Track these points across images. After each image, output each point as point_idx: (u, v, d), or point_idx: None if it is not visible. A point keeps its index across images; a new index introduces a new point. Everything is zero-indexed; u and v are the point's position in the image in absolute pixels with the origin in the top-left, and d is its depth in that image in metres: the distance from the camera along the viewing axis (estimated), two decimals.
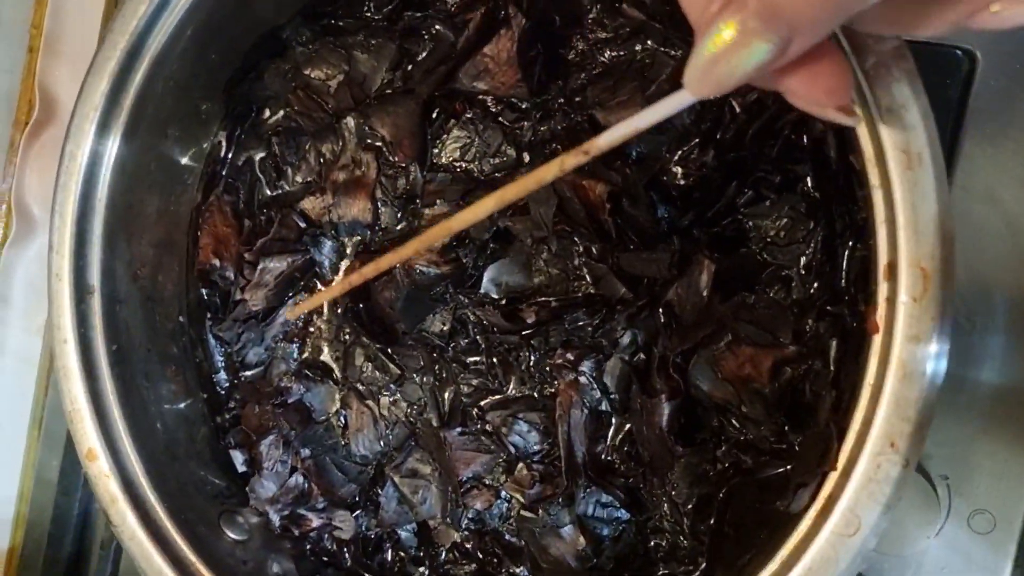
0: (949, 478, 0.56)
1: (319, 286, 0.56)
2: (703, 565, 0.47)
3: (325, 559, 0.54)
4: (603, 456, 0.49)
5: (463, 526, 0.52)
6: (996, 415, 0.55)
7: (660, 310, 0.47)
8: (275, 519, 0.54)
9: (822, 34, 0.25)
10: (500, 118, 0.52)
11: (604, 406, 0.49)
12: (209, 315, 0.58)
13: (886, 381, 0.35)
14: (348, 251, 0.55)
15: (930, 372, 0.35)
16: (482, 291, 0.51)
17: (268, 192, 0.57)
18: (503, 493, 0.51)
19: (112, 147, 0.50)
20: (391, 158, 0.54)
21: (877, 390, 0.36)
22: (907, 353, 0.35)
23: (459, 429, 0.51)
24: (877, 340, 0.36)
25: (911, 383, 0.35)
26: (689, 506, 0.48)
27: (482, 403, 0.52)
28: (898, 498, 0.36)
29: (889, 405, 0.35)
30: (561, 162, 0.30)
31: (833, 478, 0.37)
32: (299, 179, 0.56)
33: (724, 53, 0.24)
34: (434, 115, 0.53)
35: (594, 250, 0.49)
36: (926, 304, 0.35)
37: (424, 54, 0.53)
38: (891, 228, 0.36)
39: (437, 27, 0.53)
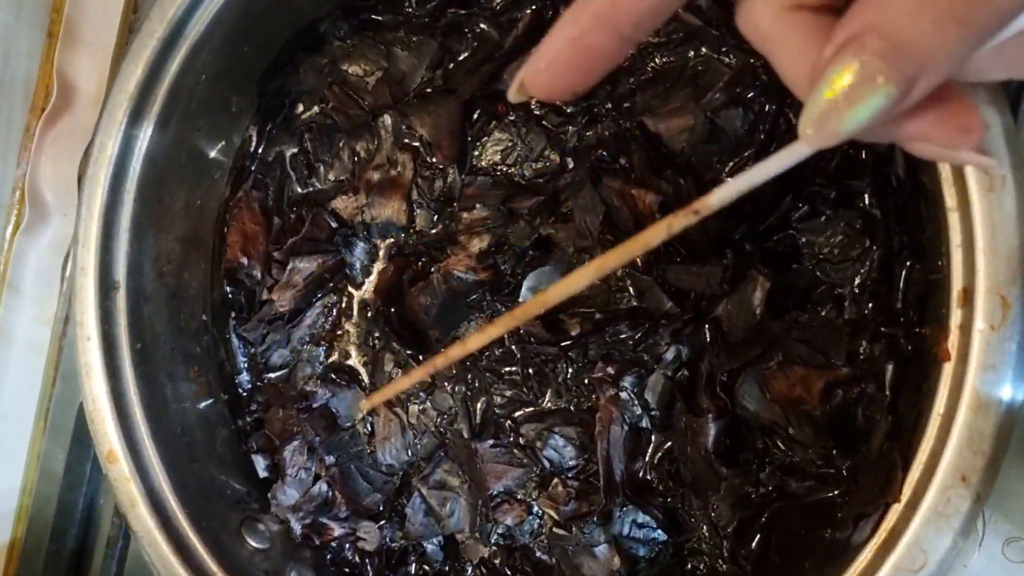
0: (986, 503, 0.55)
1: (349, 288, 0.54)
2: None
3: (347, 570, 0.53)
4: (641, 474, 0.48)
5: (492, 541, 0.50)
6: None
7: (707, 326, 0.46)
8: (296, 527, 0.52)
9: (950, 69, 0.23)
10: (544, 121, 0.50)
11: (644, 423, 0.48)
12: (233, 314, 0.56)
13: (958, 412, 0.34)
14: (381, 253, 0.53)
15: (1006, 403, 0.33)
16: (520, 300, 0.49)
17: (299, 189, 0.55)
18: (535, 509, 0.50)
19: (143, 138, 0.48)
20: (429, 159, 0.52)
21: (948, 420, 0.34)
22: (982, 383, 0.33)
23: (491, 441, 0.50)
24: (948, 368, 0.35)
25: (986, 415, 0.33)
26: (730, 529, 0.46)
27: (516, 415, 0.50)
28: (967, 534, 0.34)
29: (961, 437, 0.34)
30: (669, 224, 0.27)
31: (897, 510, 0.35)
32: (331, 177, 0.54)
33: (844, 100, 0.22)
34: (475, 116, 0.51)
35: (639, 261, 0.47)
36: (1005, 333, 0.33)
37: (467, 53, 0.52)
38: (968, 252, 0.34)
39: (481, 25, 0.51)
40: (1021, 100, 0.53)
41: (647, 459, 0.48)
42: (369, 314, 0.53)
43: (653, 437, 0.48)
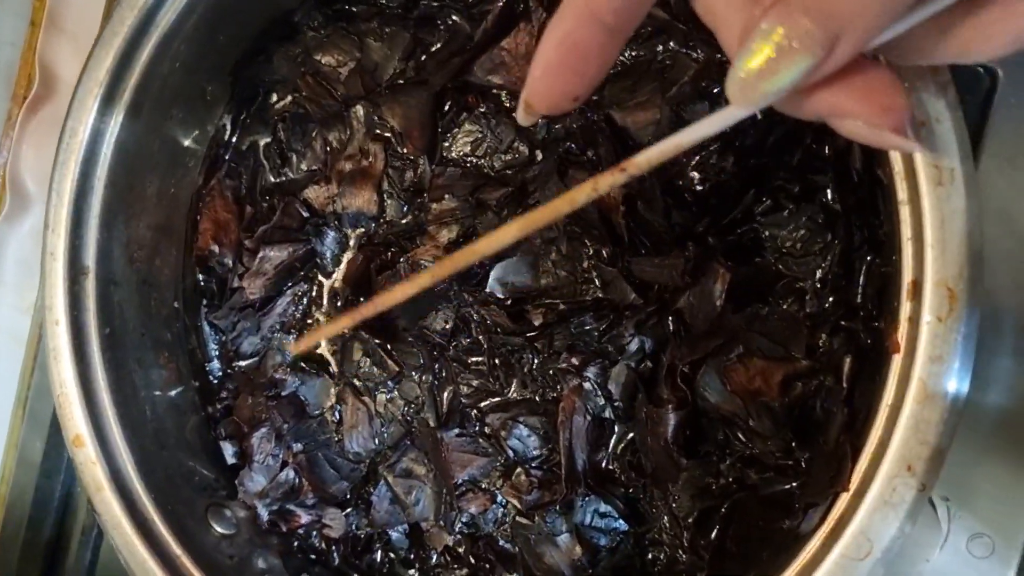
0: (949, 500, 0.56)
1: (319, 277, 0.54)
2: None
3: (313, 557, 0.53)
4: (604, 465, 0.48)
5: (456, 529, 0.51)
6: (1000, 438, 0.54)
7: (670, 317, 0.46)
8: (263, 514, 0.53)
9: (873, 35, 0.23)
10: (514, 114, 0.51)
11: (607, 413, 0.48)
12: (205, 302, 0.56)
13: (905, 402, 0.34)
14: (351, 243, 0.54)
15: (952, 395, 0.34)
16: (487, 290, 0.49)
17: (271, 179, 0.55)
18: (499, 498, 0.50)
19: (114, 125, 0.49)
20: (400, 150, 0.52)
21: (895, 411, 0.35)
22: (929, 374, 0.34)
23: (457, 430, 0.50)
24: (897, 360, 0.35)
25: (932, 405, 0.34)
26: (690, 519, 0.46)
27: (481, 404, 0.50)
28: (912, 523, 0.35)
29: (908, 427, 0.34)
30: (595, 183, 0.27)
31: (845, 499, 0.36)
32: (304, 167, 0.55)
33: (769, 61, 0.23)
34: (446, 108, 0.52)
35: (604, 253, 0.47)
36: (951, 325, 0.34)
37: (439, 45, 0.52)
38: (918, 245, 0.35)
39: (453, 17, 0.52)
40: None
41: (610, 450, 0.48)
42: (339, 303, 0.53)
43: (616, 428, 0.48)
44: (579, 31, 0.26)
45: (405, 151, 0.52)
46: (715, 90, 0.46)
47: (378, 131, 0.53)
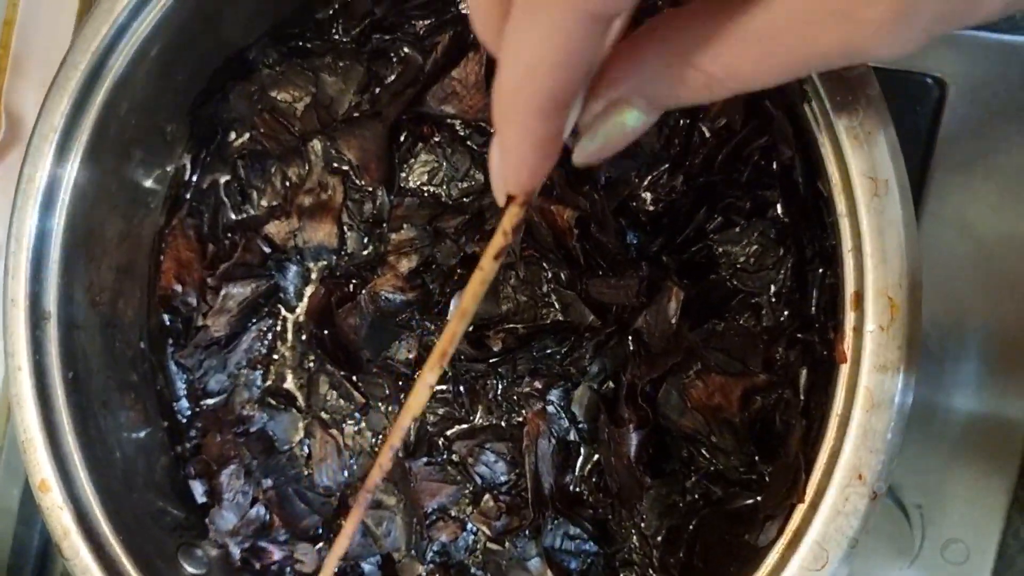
0: (922, 507, 0.56)
1: (283, 312, 0.54)
2: None
3: None
4: (571, 487, 0.48)
5: (428, 559, 0.51)
6: (968, 443, 0.55)
7: (629, 337, 0.47)
8: (235, 552, 0.52)
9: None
10: (468, 142, 0.51)
11: (572, 436, 0.48)
12: (171, 341, 0.56)
13: (853, 411, 0.35)
14: (313, 276, 0.54)
15: (898, 402, 0.34)
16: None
17: (233, 216, 0.56)
18: (469, 525, 0.50)
19: (72, 170, 0.49)
20: (358, 182, 0.53)
21: (844, 420, 0.35)
22: (874, 383, 0.34)
23: (425, 459, 0.50)
24: (845, 370, 0.36)
25: (879, 414, 0.34)
26: (659, 538, 0.46)
27: (448, 432, 0.51)
28: (866, 531, 0.35)
29: (856, 436, 0.35)
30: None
31: (801, 511, 0.36)
32: (264, 203, 0.55)
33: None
34: (402, 139, 0.52)
35: (563, 276, 0.48)
36: (893, 333, 0.34)
37: (392, 77, 0.53)
38: (858, 256, 0.35)
39: (405, 50, 0.52)
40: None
41: (577, 472, 0.49)
42: (303, 337, 0.54)
43: (582, 449, 0.48)
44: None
45: (363, 183, 0.52)
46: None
47: (336, 164, 0.53)
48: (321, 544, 0.53)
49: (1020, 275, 0.55)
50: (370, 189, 0.52)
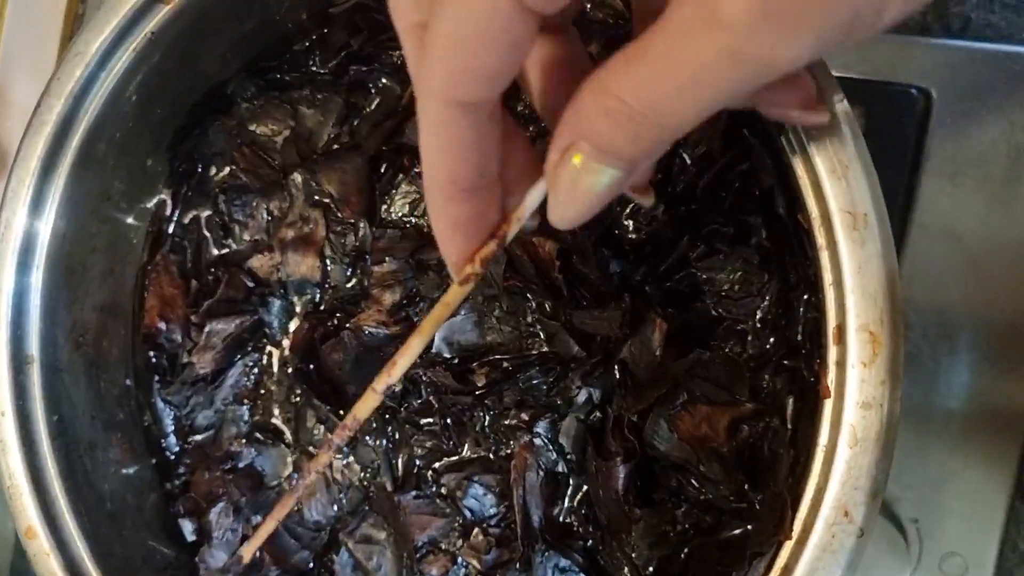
0: (919, 521, 0.56)
1: (269, 347, 0.54)
2: None
3: None
4: (561, 519, 0.48)
5: None
6: (963, 455, 0.54)
7: (615, 368, 0.46)
8: None
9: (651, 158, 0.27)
10: None
11: (561, 467, 0.48)
12: (157, 378, 0.56)
13: (838, 447, 0.34)
14: (298, 310, 0.54)
15: (883, 439, 0.34)
16: (434, 351, 0.49)
17: (215, 251, 0.55)
18: (459, 559, 0.50)
19: (50, 212, 0.48)
20: (339, 214, 0.52)
21: (830, 455, 0.35)
22: (858, 420, 0.34)
23: (414, 493, 0.50)
24: (829, 404, 0.35)
25: (864, 451, 0.34)
26: (650, 568, 0.46)
27: (436, 465, 0.50)
28: (854, 569, 0.35)
29: (842, 472, 0.34)
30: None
31: (788, 547, 0.36)
32: (247, 237, 0.55)
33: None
34: (382, 170, 0.52)
35: (547, 307, 0.48)
36: (876, 370, 0.34)
37: (371, 107, 0.52)
38: (839, 291, 0.35)
39: (384, 80, 0.52)
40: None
41: (566, 503, 0.48)
42: (289, 370, 0.53)
43: (571, 481, 0.48)
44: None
45: (344, 216, 0.52)
46: None
47: (316, 197, 0.53)
48: None
49: (1009, 282, 0.55)
50: (352, 221, 0.52)
